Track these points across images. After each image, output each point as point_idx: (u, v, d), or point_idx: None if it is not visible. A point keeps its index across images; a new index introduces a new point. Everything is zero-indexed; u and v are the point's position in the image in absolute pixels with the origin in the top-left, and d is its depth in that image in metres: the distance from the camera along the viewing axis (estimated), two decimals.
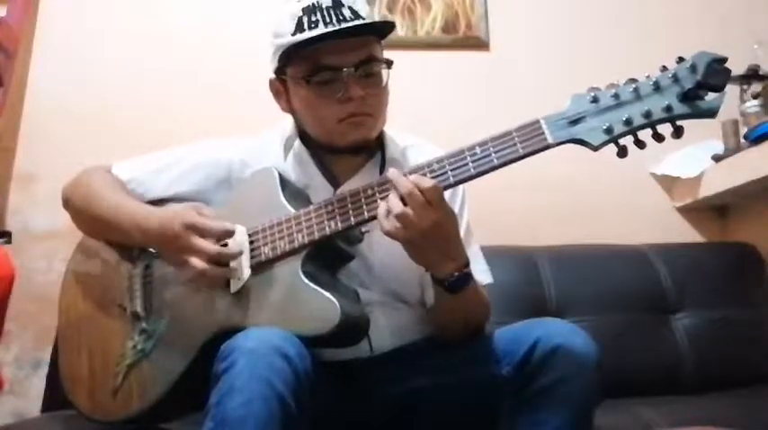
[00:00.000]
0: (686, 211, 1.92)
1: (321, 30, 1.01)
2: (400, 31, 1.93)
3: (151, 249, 1.10)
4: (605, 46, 1.98)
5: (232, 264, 1.00)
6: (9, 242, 1.66)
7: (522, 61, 1.98)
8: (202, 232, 1.00)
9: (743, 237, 1.79)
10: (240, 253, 1.00)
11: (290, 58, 1.04)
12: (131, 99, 1.86)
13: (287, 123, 1.19)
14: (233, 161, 1.16)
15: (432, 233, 0.92)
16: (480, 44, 1.98)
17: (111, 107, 1.84)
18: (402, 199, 0.92)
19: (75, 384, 1.12)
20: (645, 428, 1.24)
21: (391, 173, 0.94)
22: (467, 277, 0.99)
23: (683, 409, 1.35)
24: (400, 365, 1.08)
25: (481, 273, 1.16)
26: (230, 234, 1.01)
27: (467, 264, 0.99)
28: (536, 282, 1.63)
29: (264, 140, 1.19)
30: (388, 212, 0.93)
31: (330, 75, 1.03)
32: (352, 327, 0.97)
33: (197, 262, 0.98)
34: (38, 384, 1.61)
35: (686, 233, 1.91)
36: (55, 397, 1.40)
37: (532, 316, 1.10)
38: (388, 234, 0.93)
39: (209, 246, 0.99)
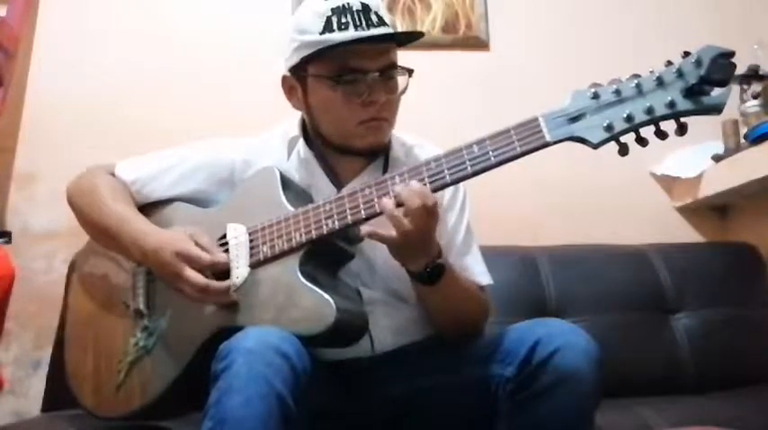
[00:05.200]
0: (686, 211, 1.92)
1: (352, 32, 1.02)
2: (400, 30, 1.93)
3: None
4: (605, 46, 1.98)
5: (232, 274, 1.01)
6: (9, 242, 1.66)
7: (522, 61, 1.98)
8: (192, 263, 1.00)
9: (743, 237, 1.79)
10: (228, 287, 1.00)
11: (315, 55, 1.05)
12: (131, 99, 1.86)
13: (291, 124, 1.19)
14: (235, 161, 1.16)
15: (416, 240, 0.94)
16: (480, 44, 1.98)
17: (112, 107, 1.84)
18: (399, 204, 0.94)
19: (81, 381, 1.13)
20: (645, 428, 1.24)
21: (398, 189, 0.95)
22: (440, 268, 1.00)
23: (683, 409, 1.35)
24: (401, 365, 1.08)
25: (480, 274, 1.16)
26: (219, 265, 1.01)
27: (439, 255, 1.00)
28: (536, 282, 1.62)
29: (267, 140, 1.20)
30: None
31: (355, 77, 1.04)
32: (349, 327, 0.97)
33: (189, 291, 1.00)
34: (38, 384, 1.61)
35: (686, 233, 1.91)
36: (55, 397, 1.41)
37: (532, 316, 1.10)
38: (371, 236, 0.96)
39: (197, 277, 0.99)
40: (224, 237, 1.06)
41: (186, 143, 1.22)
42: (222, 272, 1.02)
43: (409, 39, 1.10)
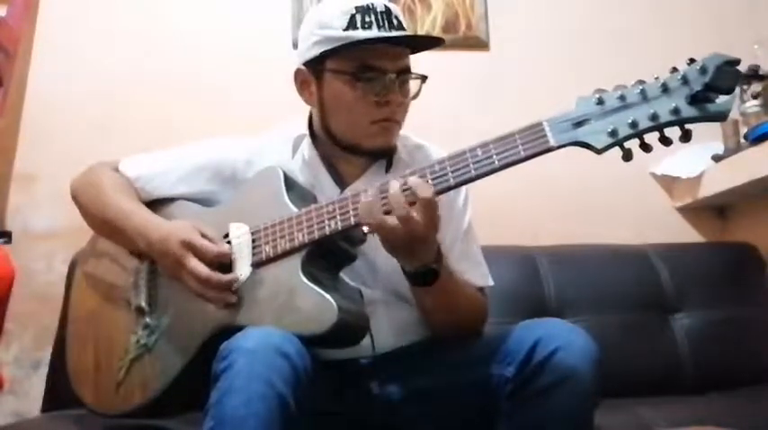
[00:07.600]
0: (686, 211, 1.92)
1: (375, 31, 1.04)
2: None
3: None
4: (605, 46, 1.98)
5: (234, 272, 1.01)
6: (9, 242, 1.66)
7: (522, 61, 1.98)
8: (197, 253, 1.01)
9: (743, 237, 1.79)
10: (230, 281, 1.00)
11: (335, 51, 1.06)
12: (132, 99, 1.86)
13: (294, 123, 1.20)
14: (238, 161, 1.16)
15: (410, 241, 0.94)
16: (480, 44, 1.98)
17: (112, 107, 1.84)
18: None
19: (82, 378, 1.14)
20: (645, 428, 1.24)
21: (391, 185, 0.95)
22: (433, 273, 1.00)
23: (683, 409, 1.35)
24: (402, 365, 1.08)
25: (481, 276, 1.17)
26: (223, 256, 1.02)
27: (436, 261, 1.00)
28: (536, 282, 1.62)
29: (272, 140, 1.20)
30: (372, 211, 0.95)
31: (374, 75, 1.06)
32: (350, 327, 0.97)
33: (192, 282, 1.00)
34: (38, 384, 1.61)
35: (686, 233, 1.91)
36: (55, 397, 1.41)
37: (532, 316, 1.10)
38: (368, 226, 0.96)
39: (201, 268, 1.00)
40: (227, 236, 1.06)
41: (187, 143, 1.22)
42: (225, 267, 1.03)
43: (429, 44, 1.13)
